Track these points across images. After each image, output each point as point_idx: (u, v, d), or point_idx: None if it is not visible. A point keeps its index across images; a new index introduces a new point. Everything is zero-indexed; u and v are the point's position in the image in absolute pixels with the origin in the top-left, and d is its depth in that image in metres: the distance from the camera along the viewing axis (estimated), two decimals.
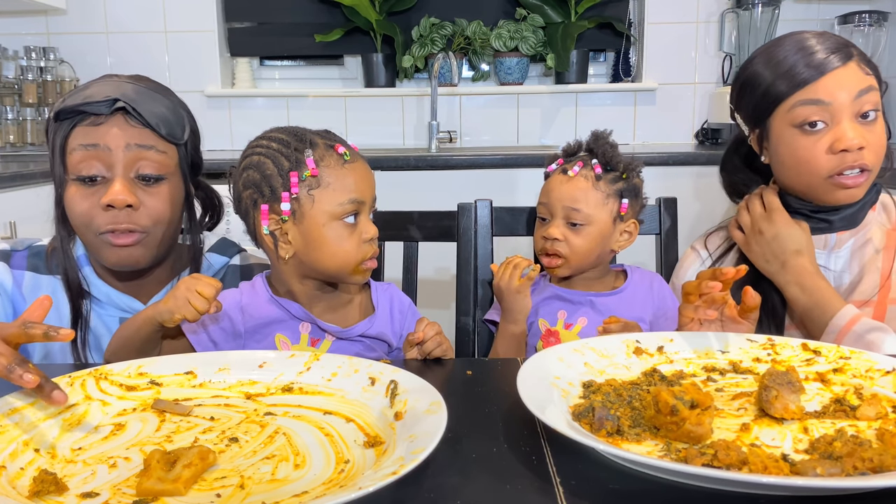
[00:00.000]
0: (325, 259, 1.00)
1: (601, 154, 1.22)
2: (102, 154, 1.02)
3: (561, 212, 1.21)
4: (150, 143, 1.05)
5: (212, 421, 0.76)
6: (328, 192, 0.99)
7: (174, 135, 1.08)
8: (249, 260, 1.26)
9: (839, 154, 1.09)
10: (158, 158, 1.06)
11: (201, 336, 1.03)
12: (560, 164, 1.25)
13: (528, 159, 2.33)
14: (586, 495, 0.60)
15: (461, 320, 1.36)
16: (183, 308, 0.91)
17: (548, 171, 1.27)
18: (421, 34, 2.85)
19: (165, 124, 1.06)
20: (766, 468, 0.61)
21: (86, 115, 1.03)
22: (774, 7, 2.71)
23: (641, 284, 1.27)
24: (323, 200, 0.99)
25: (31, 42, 2.78)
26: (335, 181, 0.99)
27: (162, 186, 1.07)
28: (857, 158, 1.09)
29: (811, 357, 0.89)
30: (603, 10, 2.87)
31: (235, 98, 2.95)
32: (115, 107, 1.03)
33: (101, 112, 1.03)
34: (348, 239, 1.00)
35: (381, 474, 0.59)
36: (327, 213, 0.99)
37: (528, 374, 0.78)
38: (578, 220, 1.20)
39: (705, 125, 2.83)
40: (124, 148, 1.03)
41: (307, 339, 1.05)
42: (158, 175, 1.06)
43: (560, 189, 1.21)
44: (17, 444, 0.69)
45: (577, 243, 1.21)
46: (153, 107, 1.06)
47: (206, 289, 0.91)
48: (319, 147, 1.01)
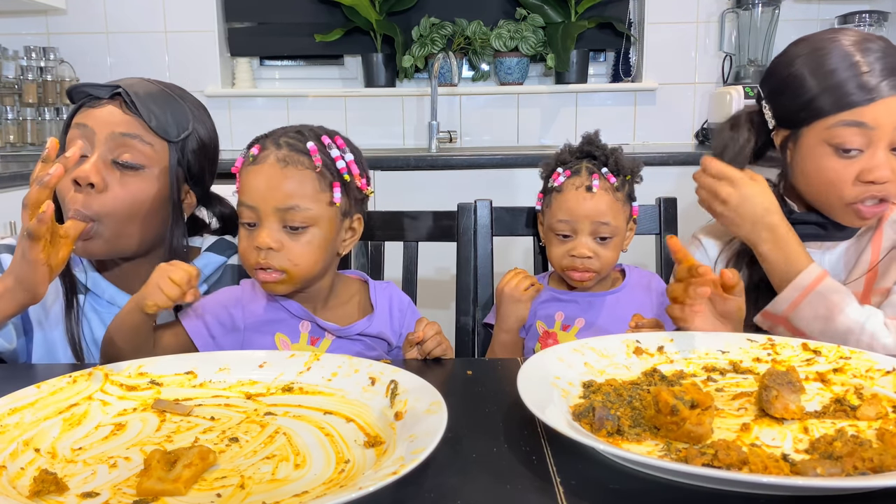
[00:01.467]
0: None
1: (611, 161, 1.20)
2: (88, 134, 1.04)
3: (588, 227, 1.18)
4: (135, 132, 1.05)
5: (212, 421, 0.76)
6: (240, 192, 1.00)
7: (166, 131, 1.07)
8: None
9: (866, 184, 1.08)
10: (142, 149, 1.05)
11: (196, 323, 1.02)
12: (567, 175, 1.20)
13: (528, 159, 2.33)
14: (586, 495, 0.60)
15: (461, 320, 1.36)
16: (153, 294, 0.90)
17: (555, 183, 1.21)
18: (421, 34, 2.85)
19: (158, 118, 1.07)
20: (767, 468, 0.61)
21: (90, 97, 1.06)
22: (774, 7, 2.71)
23: (640, 284, 1.26)
24: (238, 200, 1.01)
25: (31, 42, 2.78)
26: (241, 181, 1.00)
27: (137, 177, 1.05)
28: (882, 191, 1.08)
29: (811, 357, 0.89)
30: (603, 10, 2.87)
31: (235, 98, 2.95)
32: (113, 92, 1.05)
33: (101, 95, 1.05)
34: (244, 240, 0.99)
35: (381, 474, 0.59)
36: (238, 212, 1.00)
37: (528, 374, 0.78)
38: (606, 233, 1.18)
39: (705, 125, 2.83)
40: (109, 132, 1.04)
41: (307, 337, 1.05)
42: (137, 164, 1.05)
43: (584, 206, 1.18)
44: (17, 444, 0.69)
45: (606, 256, 1.19)
46: (152, 101, 1.07)
47: (179, 274, 0.90)
48: (256, 144, 1.01)
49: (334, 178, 0.99)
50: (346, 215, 1.03)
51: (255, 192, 0.97)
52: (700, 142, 2.87)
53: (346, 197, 1.01)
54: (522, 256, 2.16)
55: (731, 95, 2.60)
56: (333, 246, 1.02)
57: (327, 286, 1.06)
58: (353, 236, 1.06)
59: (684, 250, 0.96)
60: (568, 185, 1.20)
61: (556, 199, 1.21)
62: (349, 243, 1.06)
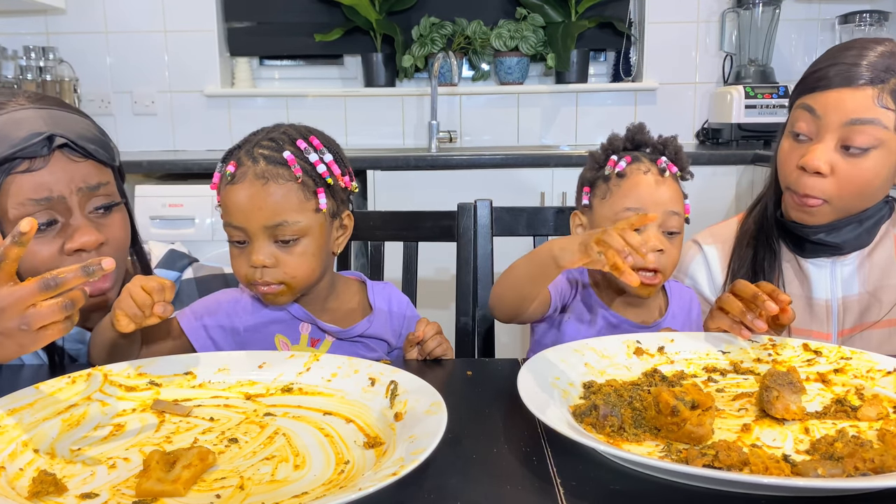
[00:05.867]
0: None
1: (669, 150, 1.08)
2: (56, 204, 0.95)
3: (659, 217, 1.03)
4: (96, 180, 0.99)
5: (211, 421, 0.76)
6: (223, 210, 0.97)
7: (111, 158, 1.03)
8: (202, 271, 1.20)
9: (800, 171, 1.07)
10: (107, 190, 1.01)
11: (195, 325, 1.01)
12: (628, 160, 1.06)
13: (528, 159, 2.33)
14: (586, 496, 0.60)
15: (461, 320, 1.36)
16: (122, 301, 0.84)
17: (617, 169, 1.06)
18: (421, 34, 2.85)
19: (102, 149, 1.01)
20: (767, 469, 0.61)
21: (18, 161, 0.92)
22: (775, 7, 2.71)
23: (682, 309, 1.14)
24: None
25: (31, 42, 2.78)
26: (222, 200, 0.97)
27: (116, 214, 1.03)
28: (814, 187, 1.06)
29: (812, 357, 0.89)
30: (603, 9, 2.87)
31: (235, 98, 2.95)
32: (54, 145, 0.94)
33: (40, 154, 0.93)
34: (236, 259, 0.98)
35: (381, 475, 0.58)
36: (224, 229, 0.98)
37: (528, 375, 0.78)
38: (675, 227, 1.04)
39: (706, 125, 2.83)
40: (76, 191, 0.96)
41: (307, 339, 1.04)
42: (111, 203, 1.01)
43: (658, 192, 1.03)
44: (16, 444, 0.68)
45: (673, 254, 1.04)
46: (84, 132, 0.99)
47: (151, 283, 0.84)
48: (229, 162, 0.96)
49: (317, 184, 0.96)
50: (335, 216, 1.02)
51: (239, 212, 0.94)
52: (700, 142, 2.87)
53: (331, 199, 0.99)
54: None
55: (732, 95, 2.60)
56: (327, 249, 1.02)
57: (326, 286, 1.06)
58: (345, 233, 1.06)
59: (735, 303, 0.94)
60: (634, 170, 1.05)
61: (621, 185, 1.05)
62: (342, 241, 1.05)
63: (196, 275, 1.19)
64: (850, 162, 1.05)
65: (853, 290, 1.15)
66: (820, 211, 1.09)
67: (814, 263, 1.16)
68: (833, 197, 1.07)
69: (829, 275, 1.15)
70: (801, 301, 1.16)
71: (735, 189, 2.36)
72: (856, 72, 1.03)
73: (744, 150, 2.42)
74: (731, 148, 2.59)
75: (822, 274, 1.16)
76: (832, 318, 1.16)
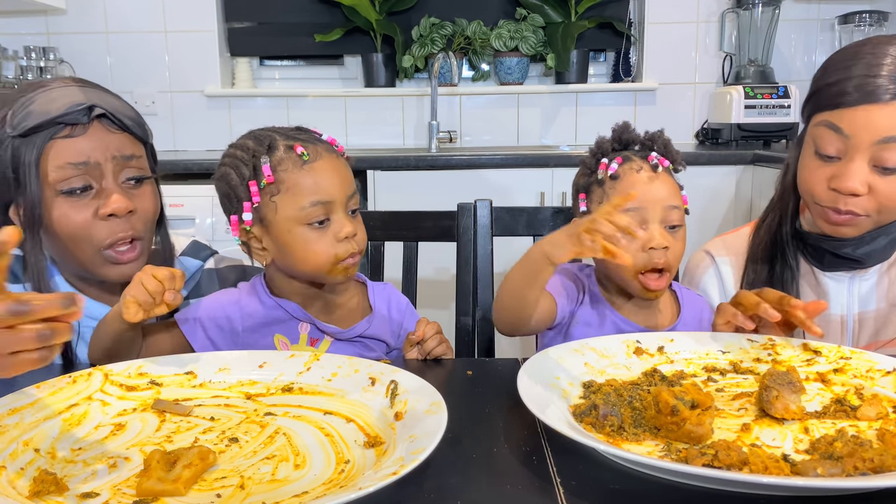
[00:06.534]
0: (297, 264, 0.99)
1: (658, 144, 1.08)
2: (92, 170, 1.00)
3: (659, 214, 1.02)
4: (130, 151, 1.04)
5: (212, 421, 0.76)
6: (288, 196, 0.96)
7: (145, 135, 1.08)
8: (223, 263, 1.23)
9: (833, 191, 1.02)
10: (139, 163, 1.06)
11: (193, 325, 1.01)
12: (619, 161, 1.06)
13: (528, 159, 2.33)
14: (586, 496, 0.60)
15: (461, 320, 1.36)
16: (133, 288, 0.86)
17: (609, 171, 1.06)
18: (421, 34, 2.85)
19: (137, 125, 1.06)
20: (767, 468, 0.61)
21: (61, 126, 0.98)
22: (774, 7, 2.71)
23: (693, 318, 1.12)
24: (285, 206, 0.96)
25: (31, 42, 2.78)
26: (294, 185, 0.96)
27: (146, 186, 1.07)
28: (856, 203, 1.01)
29: (812, 357, 0.89)
30: (603, 9, 2.87)
31: (235, 98, 2.95)
32: (94, 114, 1.00)
33: (80, 121, 0.99)
34: (318, 241, 0.97)
35: (381, 474, 0.59)
36: (291, 218, 0.96)
37: (528, 374, 0.78)
38: (677, 220, 1.03)
39: (705, 125, 2.83)
40: (111, 159, 1.02)
41: (306, 339, 1.05)
42: (142, 175, 1.06)
43: (653, 188, 1.02)
44: (17, 444, 0.68)
45: (677, 249, 1.03)
46: (122, 108, 1.05)
47: (162, 271, 0.87)
48: (279, 150, 0.97)
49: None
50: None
51: (328, 185, 0.97)
52: (700, 142, 2.87)
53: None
54: None
55: (732, 95, 2.60)
56: None
57: (327, 285, 1.06)
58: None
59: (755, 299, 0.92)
60: (626, 170, 1.05)
61: (616, 187, 1.05)
62: None
63: (217, 265, 1.22)
64: (886, 179, 1.01)
65: (870, 306, 1.12)
66: (861, 222, 1.05)
67: (832, 277, 1.13)
68: (873, 212, 1.03)
69: (846, 290, 1.13)
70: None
71: (735, 189, 2.36)
72: (879, 84, 0.98)
73: (743, 151, 2.42)
74: (731, 148, 2.59)
75: (839, 288, 1.13)
76: (847, 335, 1.13)
